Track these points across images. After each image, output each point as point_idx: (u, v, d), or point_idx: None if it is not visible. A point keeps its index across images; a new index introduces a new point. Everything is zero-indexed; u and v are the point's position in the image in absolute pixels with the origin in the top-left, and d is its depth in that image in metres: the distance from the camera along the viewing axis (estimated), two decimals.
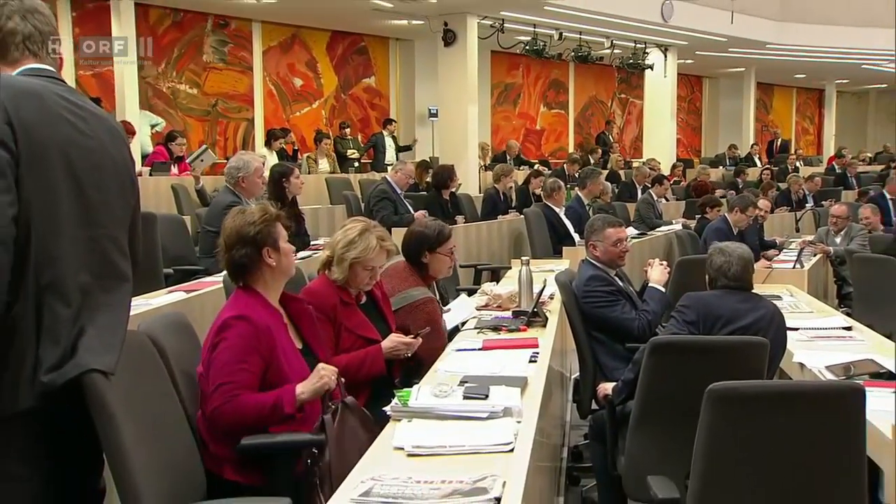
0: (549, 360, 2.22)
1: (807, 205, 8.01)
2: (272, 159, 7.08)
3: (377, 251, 2.32)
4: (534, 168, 8.52)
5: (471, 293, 3.54)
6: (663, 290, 2.94)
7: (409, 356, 2.36)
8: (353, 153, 8.99)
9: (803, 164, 12.23)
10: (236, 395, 1.77)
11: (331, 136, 8.84)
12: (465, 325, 2.75)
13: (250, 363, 1.79)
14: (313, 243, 4.40)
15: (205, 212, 4.49)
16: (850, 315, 3.70)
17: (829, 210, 6.18)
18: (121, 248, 1.44)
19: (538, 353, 2.26)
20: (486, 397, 1.73)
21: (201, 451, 1.75)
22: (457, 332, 2.66)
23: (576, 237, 5.38)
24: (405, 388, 1.81)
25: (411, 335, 2.35)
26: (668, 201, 7.78)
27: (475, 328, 2.64)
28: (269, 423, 1.78)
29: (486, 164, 9.25)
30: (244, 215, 1.93)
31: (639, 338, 2.68)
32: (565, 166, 9.15)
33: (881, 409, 1.86)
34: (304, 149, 9.02)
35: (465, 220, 5.76)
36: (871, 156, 13.61)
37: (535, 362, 2.17)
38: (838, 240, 5.61)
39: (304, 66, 9.71)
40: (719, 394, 1.66)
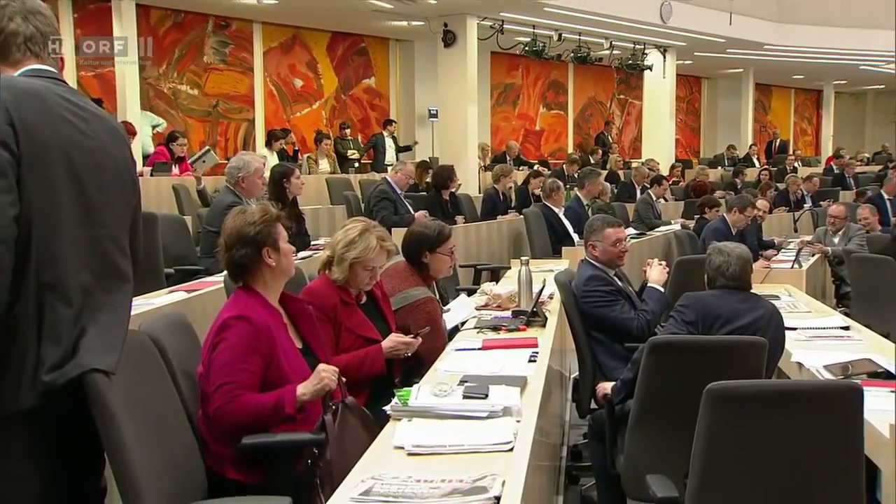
0: (549, 359, 2.23)
1: (805, 205, 8.02)
2: (273, 160, 7.08)
3: (377, 251, 2.33)
4: (533, 168, 8.53)
5: (470, 293, 3.53)
6: (662, 289, 2.95)
7: (409, 356, 2.36)
8: (353, 154, 9.00)
9: (801, 164, 12.23)
10: (237, 396, 1.77)
11: (331, 137, 8.85)
12: (464, 324, 2.76)
13: (250, 363, 1.80)
14: (313, 243, 4.40)
15: (206, 212, 4.49)
16: (847, 315, 3.70)
17: (827, 210, 6.19)
18: (122, 248, 1.44)
19: (537, 352, 2.27)
20: (486, 397, 1.73)
21: (202, 451, 1.75)
22: (456, 332, 2.67)
23: (575, 237, 5.39)
24: (405, 388, 1.81)
25: (411, 335, 2.36)
26: (667, 201, 7.79)
27: (475, 328, 2.65)
28: (269, 424, 1.78)
29: (486, 165, 9.25)
30: (244, 215, 1.93)
31: (638, 337, 2.68)
32: (564, 167, 9.16)
33: (879, 409, 1.86)
34: (305, 149, 9.02)
35: (464, 221, 5.76)
36: (868, 156, 13.64)
37: (534, 362, 2.17)
38: (836, 240, 5.62)
39: (305, 67, 9.71)
40: (718, 393, 1.67)
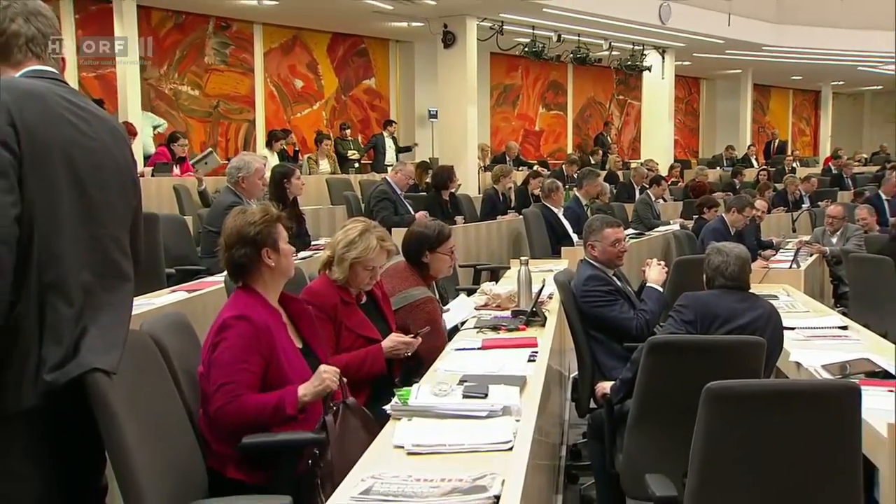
0: (548, 359, 2.23)
1: (803, 205, 8.03)
2: (273, 160, 7.09)
3: (377, 251, 2.33)
4: (533, 169, 8.54)
5: (470, 293, 3.54)
6: (661, 289, 2.95)
7: (409, 355, 2.37)
8: (353, 154, 9.00)
9: (800, 164, 12.25)
10: (238, 396, 1.77)
11: (331, 137, 8.85)
12: (464, 324, 2.76)
13: (251, 363, 1.80)
14: (314, 243, 4.41)
15: (206, 212, 4.49)
16: (845, 314, 3.70)
17: (825, 210, 6.21)
18: (122, 248, 1.44)
19: (537, 352, 2.27)
20: (486, 396, 1.73)
21: (203, 450, 1.75)
22: (456, 332, 2.67)
23: (574, 237, 5.40)
24: (405, 387, 1.82)
25: (411, 335, 2.36)
26: (666, 202, 7.80)
27: (474, 328, 2.65)
28: (270, 424, 1.79)
29: (486, 165, 9.25)
30: (245, 215, 1.93)
31: (637, 337, 2.68)
32: (564, 167, 9.18)
33: (876, 408, 1.87)
34: (305, 150, 9.03)
35: (464, 221, 5.76)
36: (866, 156, 13.67)
37: (533, 361, 2.18)
38: (834, 240, 5.64)
39: (305, 68, 9.72)
40: (716, 393, 1.67)
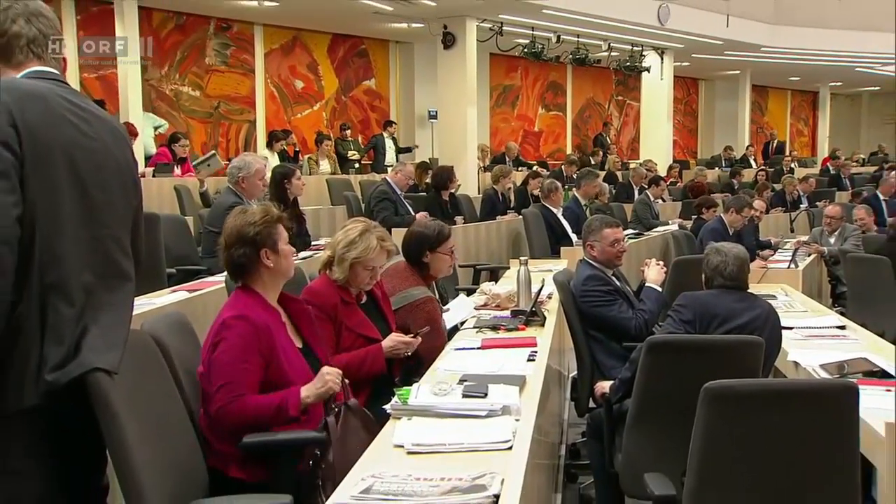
0: (547, 358, 2.24)
1: (801, 205, 8.04)
2: (273, 160, 7.09)
3: (377, 251, 2.34)
4: (532, 169, 8.55)
5: (470, 293, 3.55)
6: (660, 289, 2.96)
7: (408, 355, 2.37)
8: (353, 154, 9.01)
9: (798, 165, 12.26)
10: (239, 396, 1.78)
11: (331, 138, 8.85)
12: (464, 324, 2.76)
13: (251, 363, 1.81)
14: (314, 243, 4.42)
15: (207, 212, 4.50)
16: (843, 314, 3.70)
17: (823, 211, 6.22)
18: (123, 248, 1.45)
19: (536, 351, 2.28)
20: (485, 396, 1.74)
21: (204, 449, 1.75)
22: (456, 332, 2.68)
23: (573, 237, 5.41)
24: (405, 387, 1.82)
25: (411, 334, 2.37)
26: (665, 202, 7.81)
27: (474, 327, 2.66)
28: (272, 425, 1.79)
29: (485, 166, 9.26)
30: (245, 215, 1.94)
31: (636, 337, 2.69)
32: (563, 167, 9.18)
33: (874, 407, 1.87)
34: (305, 150, 9.04)
35: (464, 221, 5.77)
36: (864, 157, 13.69)
37: (533, 361, 2.18)
38: (832, 240, 5.65)
39: (306, 69, 9.73)
40: (715, 392, 1.68)
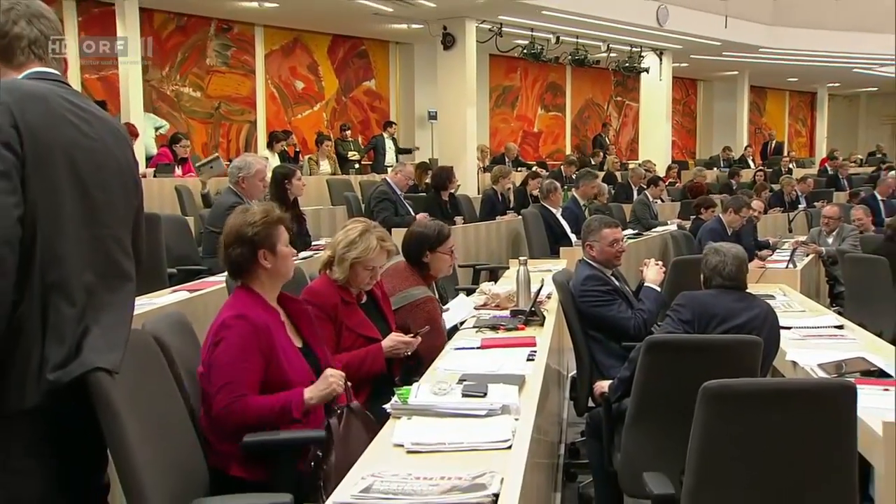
0: (547, 358, 2.25)
1: (799, 206, 8.05)
2: (274, 161, 7.10)
3: (377, 251, 2.34)
4: (531, 170, 8.56)
5: (469, 293, 3.55)
6: (659, 289, 2.96)
7: (408, 355, 2.38)
8: (353, 155, 9.02)
9: (796, 165, 12.28)
10: (242, 396, 1.78)
11: (332, 138, 8.86)
12: (463, 324, 2.77)
13: (251, 362, 1.81)
14: (314, 243, 4.41)
15: (208, 212, 4.50)
16: (841, 314, 3.70)
17: (821, 211, 6.24)
18: (124, 248, 1.45)
19: (536, 351, 2.28)
20: (485, 395, 1.74)
21: (205, 449, 1.75)
22: (455, 331, 2.68)
23: (572, 237, 5.42)
24: (405, 386, 1.82)
25: (411, 334, 2.37)
26: (664, 202, 7.82)
27: (474, 327, 2.67)
28: (275, 426, 1.79)
29: (485, 166, 9.27)
30: (245, 215, 1.94)
31: (635, 336, 2.69)
32: (562, 168, 9.19)
33: (872, 407, 1.87)
34: (306, 150, 9.05)
35: (463, 221, 5.78)
36: (862, 157, 13.72)
37: (532, 361, 2.19)
38: (830, 240, 5.66)
39: (306, 70, 9.74)
40: (713, 391, 1.68)
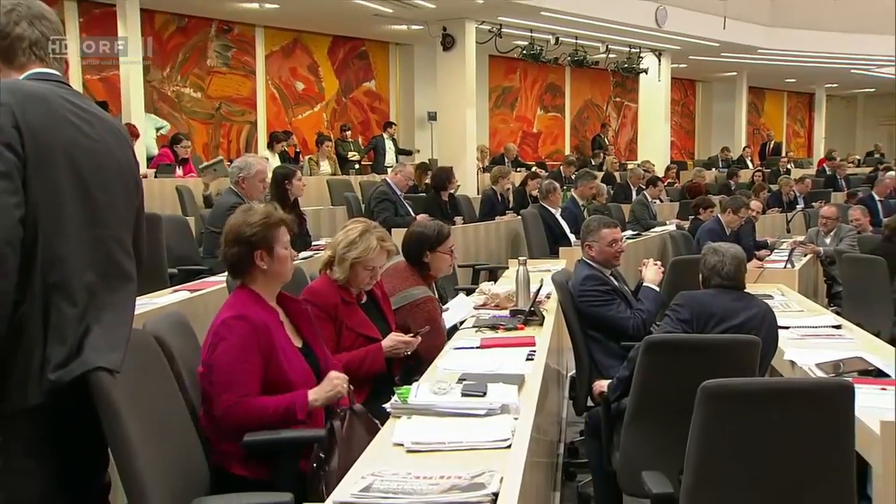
0: (546, 357, 2.25)
1: (797, 206, 8.06)
2: (274, 161, 7.11)
3: (377, 251, 2.34)
4: (531, 170, 8.57)
5: (469, 292, 3.56)
6: (657, 289, 2.97)
7: (408, 354, 2.39)
8: (353, 155, 9.03)
9: (794, 166, 12.29)
10: (245, 398, 1.78)
11: (332, 139, 8.87)
12: (463, 323, 2.77)
13: (252, 362, 1.81)
14: (314, 244, 4.42)
15: (209, 212, 4.50)
16: (839, 314, 3.71)
17: (819, 211, 6.24)
18: (125, 248, 1.45)
19: (535, 351, 2.29)
20: (484, 395, 1.74)
21: (205, 448, 1.75)
22: (455, 331, 2.69)
23: (571, 237, 5.43)
24: (405, 386, 1.83)
25: (411, 334, 2.38)
26: (663, 202, 7.83)
27: (473, 327, 2.67)
28: (278, 427, 1.79)
29: (484, 167, 9.28)
30: (246, 214, 1.94)
31: (634, 336, 2.70)
32: (561, 168, 9.20)
33: (869, 406, 1.89)
34: (306, 151, 9.06)
35: (463, 221, 5.79)
36: (859, 158, 13.74)
37: (531, 360, 2.19)
38: (828, 240, 5.67)
39: (306, 70, 9.76)
40: (712, 391, 1.69)
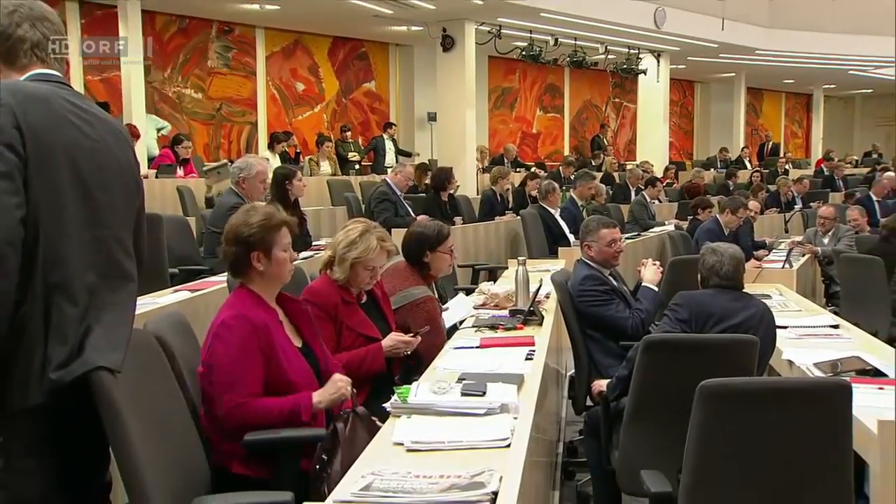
0: (545, 357, 2.26)
1: (795, 206, 8.08)
2: (275, 162, 7.12)
3: (377, 251, 2.35)
4: (530, 170, 8.58)
5: (468, 292, 3.56)
6: (656, 289, 2.98)
7: (408, 354, 2.39)
8: (353, 156, 9.04)
9: (792, 166, 12.30)
10: (247, 398, 1.78)
11: (332, 140, 8.88)
12: (462, 323, 2.78)
13: (252, 362, 1.82)
14: (315, 244, 4.43)
15: (210, 212, 4.50)
16: (837, 313, 3.71)
17: (817, 211, 6.25)
18: (126, 249, 1.46)
19: (534, 350, 2.29)
20: (484, 394, 1.75)
21: (206, 447, 1.76)
22: (455, 331, 2.69)
23: (571, 238, 5.43)
24: (405, 385, 1.83)
25: (411, 333, 2.38)
26: (661, 203, 7.84)
27: (473, 326, 2.67)
28: (281, 427, 1.79)
29: (484, 167, 9.30)
30: (247, 214, 1.94)
31: (632, 336, 2.71)
32: (561, 169, 9.22)
33: (867, 405, 1.89)
34: (306, 151, 9.08)
35: (463, 221, 5.80)
36: (857, 158, 13.75)
37: (531, 360, 2.20)
38: (826, 240, 5.68)
39: (307, 71, 9.77)
40: (711, 390, 1.70)
